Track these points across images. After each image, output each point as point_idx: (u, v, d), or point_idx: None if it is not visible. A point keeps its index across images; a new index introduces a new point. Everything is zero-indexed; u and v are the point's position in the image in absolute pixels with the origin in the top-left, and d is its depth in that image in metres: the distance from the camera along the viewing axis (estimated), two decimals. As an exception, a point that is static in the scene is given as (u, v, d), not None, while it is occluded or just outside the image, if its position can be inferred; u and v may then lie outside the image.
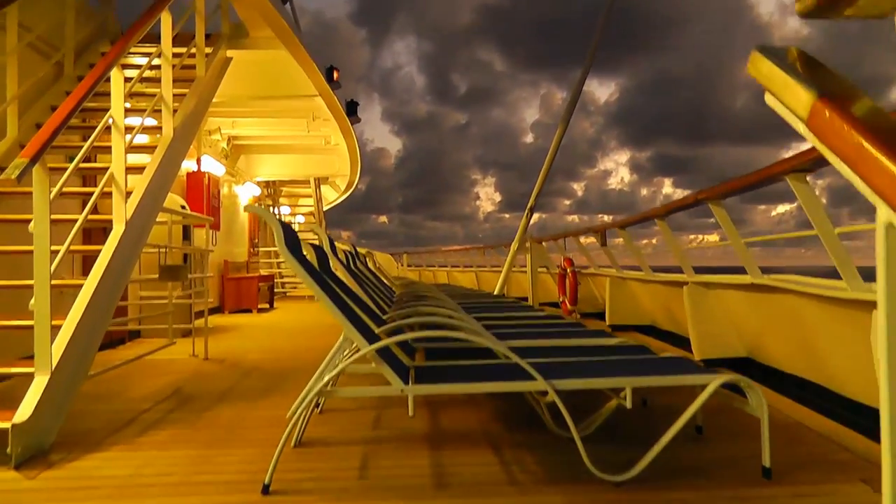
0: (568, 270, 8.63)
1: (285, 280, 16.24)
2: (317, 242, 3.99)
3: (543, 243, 10.40)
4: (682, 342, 6.18)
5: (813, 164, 2.63)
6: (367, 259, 9.37)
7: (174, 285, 5.80)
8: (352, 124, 11.38)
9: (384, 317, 3.84)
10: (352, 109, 11.78)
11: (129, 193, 4.11)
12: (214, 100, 9.10)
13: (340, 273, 4.06)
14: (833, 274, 2.94)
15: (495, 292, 10.07)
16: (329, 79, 12.26)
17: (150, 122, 5.24)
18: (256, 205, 12.48)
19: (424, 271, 21.80)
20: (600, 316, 8.53)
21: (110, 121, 3.96)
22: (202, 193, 10.05)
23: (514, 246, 10.39)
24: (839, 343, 3.18)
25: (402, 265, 21.54)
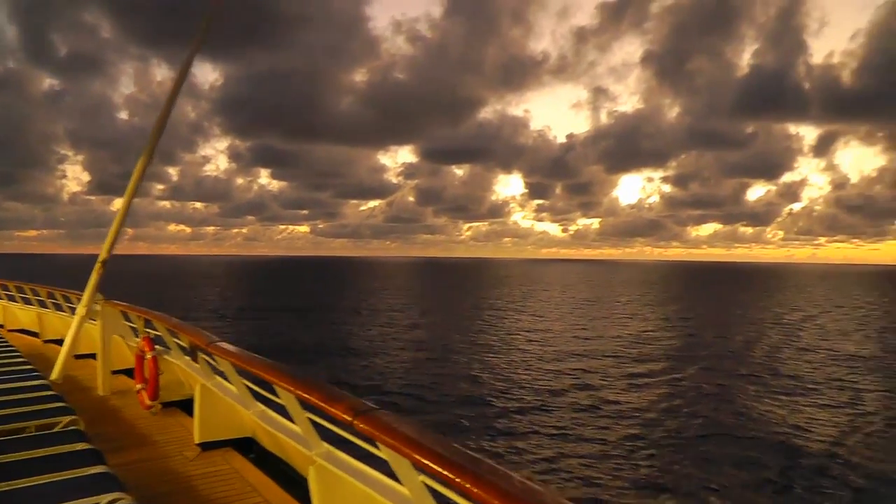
0: (148, 355, 6.77)
1: None
2: None
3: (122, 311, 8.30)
4: (288, 474, 5.00)
5: None
6: None
7: None
8: None
9: None
10: None
11: None
12: None
13: None
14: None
15: (53, 376, 7.62)
16: None
17: None
18: None
19: None
20: (187, 407, 6.92)
21: None
22: None
23: (80, 310, 8.03)
24: None
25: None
